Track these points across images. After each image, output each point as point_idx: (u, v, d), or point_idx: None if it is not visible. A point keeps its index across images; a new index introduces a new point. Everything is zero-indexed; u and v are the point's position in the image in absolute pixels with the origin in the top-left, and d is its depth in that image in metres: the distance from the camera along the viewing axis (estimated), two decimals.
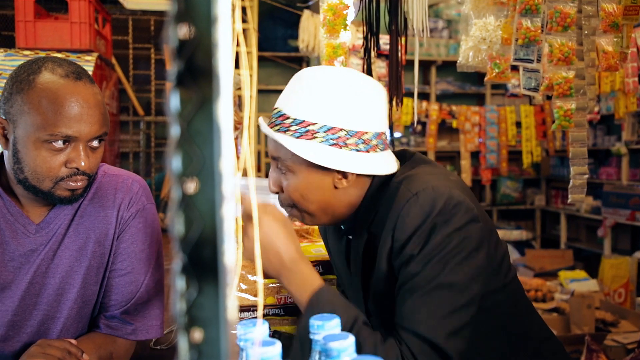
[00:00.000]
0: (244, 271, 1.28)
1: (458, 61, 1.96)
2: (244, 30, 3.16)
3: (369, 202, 1.11)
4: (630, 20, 1.81)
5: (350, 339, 0.61)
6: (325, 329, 0.67)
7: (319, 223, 1.15)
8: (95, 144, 1.14)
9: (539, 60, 1.81)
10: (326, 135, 1.04)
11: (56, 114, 1.07)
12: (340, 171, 1.07)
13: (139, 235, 1.27)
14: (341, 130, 1.04)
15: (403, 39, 2.29)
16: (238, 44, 0.48)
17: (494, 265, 1.10)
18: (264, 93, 5.94)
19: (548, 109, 5.16)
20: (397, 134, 5.69)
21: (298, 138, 1.04)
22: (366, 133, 1.06)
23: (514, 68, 1.90)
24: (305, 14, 4.58)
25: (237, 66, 0.52)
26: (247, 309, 1.29)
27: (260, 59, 5.72)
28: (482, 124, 5.24)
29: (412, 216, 1.01)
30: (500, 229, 5.99)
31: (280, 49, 5.94)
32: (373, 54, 2.29)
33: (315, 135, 1.04)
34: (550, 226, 6.61)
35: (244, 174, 0.55)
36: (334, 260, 1.29)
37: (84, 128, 1.10)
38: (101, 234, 1.24)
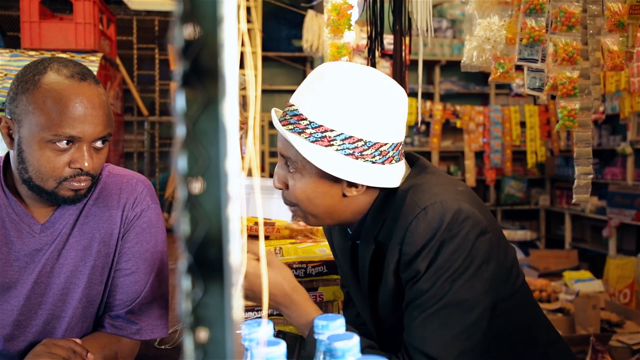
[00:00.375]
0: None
1: (462, 61, 1.96)
2: (249, 31, 3.17)
3: (376, 211, 1.08)
4: (635, 20, 1.81)
5: (355, 338, 0.61)
6: (330, 329, 0.67)
7: (322, 224, 1.14)
8: (99, 144, 1.14)
9: (543, 60, 1.80)
10: (343, 144, 0.99)
11: (60, 115, 1.08)
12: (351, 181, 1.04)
13: (144, 235, 1.27)
14: (359, 140, 1.00)
15: (407, 38, 2.30)
16: (243, 44, 0.48)
17: (504, 272, 1.08)
18: (268, 93, 5.95)
19: (552, 108, 5.14)
20: None
21: (313, 143, 1.00)
22: (385, 144, 1.02)
23: (518, 68, 1.90)
24: (310, 14, 4.58)
25: (242, 66, 0.52)
26: (252, 309, 1.29)
27: (265, 59, 5.73)
28: (486, 124, 5.23)
29: (421, 232, 0.99)
30: (505, 229, 5.97)
31: (284, 49, 5.95)
32: (377, 53, 2.29)
33: (331, 142, 0.99)
34: (555, 226, 6.59)
35: (249, 174, 0.55)
36: (339, 261, 1.28)
37: (88, 129, 1.10)
38: (106, 234, 1.24)
